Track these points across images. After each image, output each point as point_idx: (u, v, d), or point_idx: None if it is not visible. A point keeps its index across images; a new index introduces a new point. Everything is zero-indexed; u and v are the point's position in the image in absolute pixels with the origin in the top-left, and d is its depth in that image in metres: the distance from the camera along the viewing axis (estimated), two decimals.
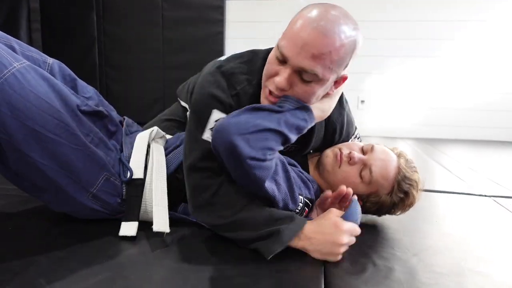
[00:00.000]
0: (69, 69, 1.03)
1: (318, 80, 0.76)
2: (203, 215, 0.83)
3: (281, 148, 0.80)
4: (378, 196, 0.95)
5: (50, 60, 0.99)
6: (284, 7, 3.13)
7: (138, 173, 0.94)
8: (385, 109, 3.35)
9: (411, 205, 0.97)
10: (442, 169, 1.93)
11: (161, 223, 0.86)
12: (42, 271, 0.70)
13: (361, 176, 0.94)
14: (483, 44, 3.12)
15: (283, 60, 0.75)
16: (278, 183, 0.81)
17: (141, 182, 0.94)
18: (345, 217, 0.80)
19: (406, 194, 0.94)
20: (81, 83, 1.03)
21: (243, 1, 3.31)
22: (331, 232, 0.77)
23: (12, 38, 0.92)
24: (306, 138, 0.94)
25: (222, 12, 3.30)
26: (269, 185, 0.78)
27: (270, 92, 0.80)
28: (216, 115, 0.82)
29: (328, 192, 0.91)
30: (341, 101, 0.98)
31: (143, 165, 0.97)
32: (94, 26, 3.39)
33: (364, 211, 0.97)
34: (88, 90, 1.03)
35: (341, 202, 0.90)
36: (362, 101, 3.34)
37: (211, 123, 0.82)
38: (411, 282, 0.72)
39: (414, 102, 3.30)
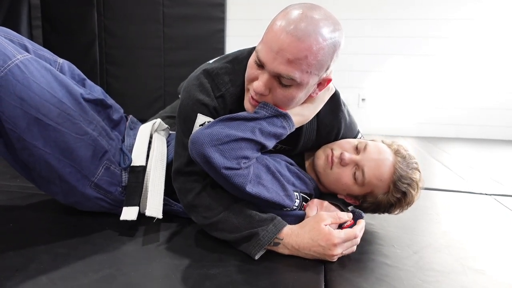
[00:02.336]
0: (78, 69, 1.05)
1: (297, 84, 0.74)
2: (192, 216, 0.86)
3: (258, 155, 0.80)
4: (374, 196, 0.92)
5: (61, 60, 1.01)
6: (285, 5, 3.12)
7: (139, 161, 0.96)
8: (386, 107, 3.34)
9: (409, 204, 0.93)
10: (443, 167, 1.93)
11: (154, 209, 0.89)
12: (43, 267, 0.71)
13: (354, 177, 0.90)
14: (484, 43, 3.11)
15: (261, 65, 0.74)
16: (265, 186, 0.80)
17: (142, 169, 0.95)
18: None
19: (404, 194, 0.89)
20: (89, 83, 1.05)
21: None
22: (322, 245, 0.74)
23: (25, 38, 0.94)
24: (294, 139, 0.93)
25: (223, 9, 3.29)
26: (252, 189, 0.77)
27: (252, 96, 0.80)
28: (201, 119, 0.83)
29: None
30: (337, 105, 0.94)
31: (145, 154, 0.98)
32: (95, 23, 3.39)
33: (361, 210, 0.95)
34: (96, 90, 1.04)
35: None
36: (363, 99, 3.33)
37: (196, 127, 0.83)
38: (411, 280, 0.72)
39: (415, 100, 3.30)
